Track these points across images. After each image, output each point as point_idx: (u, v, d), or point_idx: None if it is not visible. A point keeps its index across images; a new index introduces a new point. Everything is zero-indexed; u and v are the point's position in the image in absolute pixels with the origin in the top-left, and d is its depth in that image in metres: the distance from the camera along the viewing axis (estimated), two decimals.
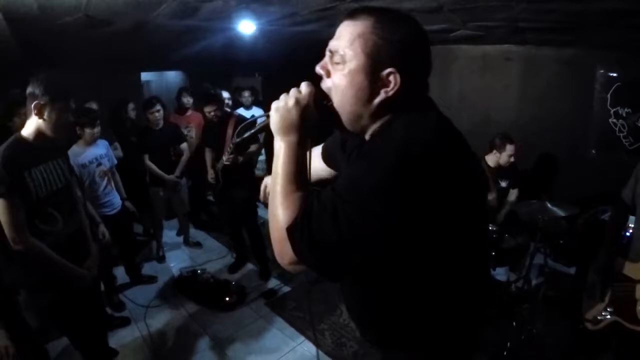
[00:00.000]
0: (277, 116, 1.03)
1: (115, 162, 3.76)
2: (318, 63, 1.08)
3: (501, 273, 3.64)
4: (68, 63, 4.86)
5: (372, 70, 0.98)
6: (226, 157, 3.81)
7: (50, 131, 2.01)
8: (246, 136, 1.28)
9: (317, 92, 1.05)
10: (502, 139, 3.55)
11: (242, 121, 4.10)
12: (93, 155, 3.47)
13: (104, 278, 3.48)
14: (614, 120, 3.92)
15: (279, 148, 1.04)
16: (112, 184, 3.64)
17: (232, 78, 7.07)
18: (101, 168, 3.51)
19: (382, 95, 1.00)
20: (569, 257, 3.95)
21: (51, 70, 2.01)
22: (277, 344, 3.20)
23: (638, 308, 2.14)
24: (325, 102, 1.05)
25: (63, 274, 2.07)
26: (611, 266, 2.33)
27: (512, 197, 3.70)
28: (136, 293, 3.94)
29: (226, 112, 4.12)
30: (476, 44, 4.60)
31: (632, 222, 2.39)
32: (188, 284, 3.91)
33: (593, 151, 4.09)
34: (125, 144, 4.63)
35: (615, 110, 3.90)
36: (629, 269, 2.25)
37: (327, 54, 1.05)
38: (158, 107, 4.24)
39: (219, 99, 4.11)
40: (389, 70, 0.97)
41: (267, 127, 1.08)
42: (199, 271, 4.06)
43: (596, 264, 2.42)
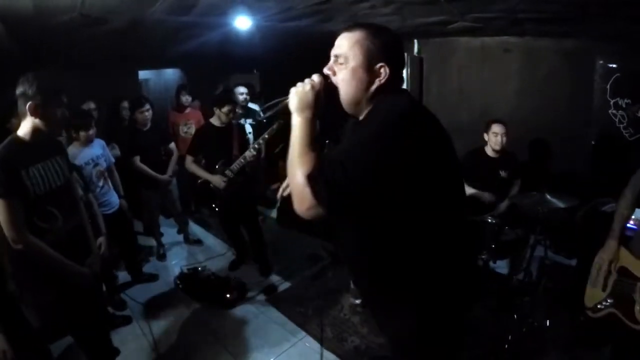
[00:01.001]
0: (297, 98, 1.33)
1: (112, 161, 3.74)
2: (316, 59, 1.49)
3: (501, 266, 3.64)
4: (65, 62, 4.85)
5: (368, 65, 1.36)
6: (250, 154, 3.84)
7: (47, 128, 2.03)
8: (271, 114, 1.51)
9: (326, 82, 1.38)
10: (488, 121, 3.54)
11: (242, 128, 4.20)
12: (89, 156, 3.46)
13: (105, 277, 3.48)
14: (614, 111, 3.90)
15: (297, 122, 1.32)
16: (110, 184, 3.63)
17: (229, 75, 7.04)
18: (98, 168, 3.49)
19: (377, 83, 1.37)
20: (570, 249, 3.95)
21: (39, 69, 2.00)
22: (279, 340, 3.20)
23: (637, 308, 2.14)
24: (331, 87, 1.39)
25: (63, 272, 2.07)
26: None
27: (515, 189, 3.67)
28: (137, 291, 3.94)
29: (236, 116, 4.18)
30: (475, 36, 4.58)
31: (639, 217, 2.39)
32: (189, 282, 3.90)
33: (593, 142, 4.07)
34: (121, 144, 4.60)
35: (614, 101, 3.88)
36: (634, 266, 2.24)
37: (332, 58, 1.41)
38: (147, 107, 4.16)
39: (235, 100, 4.17)
40: (380, 64, 1.36)
41: (286, 107, 1.37)
42: (200, 268, 4.05)
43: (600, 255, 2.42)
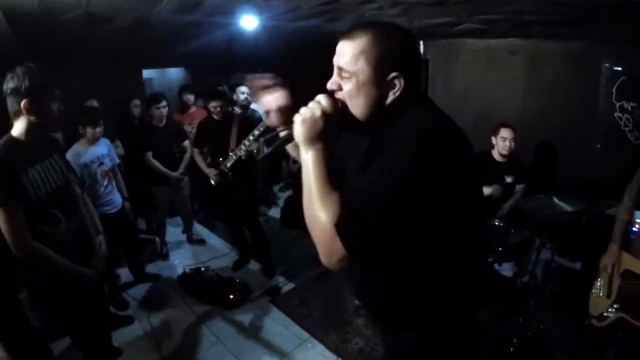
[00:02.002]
0: (304, 127, 1.12)
1: (117, 162, 3.74)
2: (323, 59, 1.26)
3: (507, 269, 3.62)
4: (69, 60, 4.84)
5: (379, 79, 1.14)
6: (243, 151, 3.68)
7: (44, 125, 1.94)
8: (271, 150, 1.31)
9: (335, 102, 1.16)
10: (496, 125, 3.52)
11: (246, 119, 4.10)
12: (95, 154, 3.45)
13: (108, 277, 3.47)
14: (619, 114, 3.88)
15: (308, 157, 1.12)
16: (114, 183, 3.62)
17: (232, 75, 7.04)
18: (103, 168, 3.49)
19: (391, 97, 1.16)
20: (574, 252, 3.93)
21: (27, 63, 1.90)
22: (282, 342, 3.18)
23: None
24: (341, 106, 1.17)
25: (69, 276, 2.02)
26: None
27: (518, 194, 3.66)
28: (140, 291, 3.93)
29: (228, 111, 4.07)
30: (481, 38, 4.56)
31: (639, 218, 2.38)
32: (192, 282, 3.89)
33: (598, 145, 4.06)
34: (128, 142, 4.61)
35: (620, 104, 3.87)
36: (637, 267, 2.23)
37: (336, 70, 1.19)
38: (164, 103, 4.25)
39: (225, 95, 4.11)
40: (393, 75, 1.13)
41: (290, 138, 1.18)
42: (203, 269, 4.03)
43: (603, 261, 2.40)
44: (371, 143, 1.30)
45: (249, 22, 3.54)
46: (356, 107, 1.17)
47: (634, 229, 2.62)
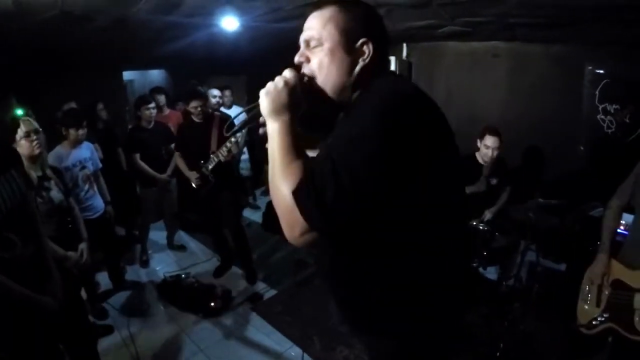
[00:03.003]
0: (269, 99, 1.10)
1: (99, 166, 3.67)
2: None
3: (492, 272, 3.60)
4: (47, 62, 4.74)
5: (348, 43, 1.13)
6: (224, 153, 3.64)
7: None
8: (240, 127, 1.31)
9: (301, 74, 1.16)
10: (484, 129, 3.48)
11: (226, 120, 4.00)
12: (77, 158, 3.37)
13: (87, 285, 3.37)
14: (602, 116, 3.91)
15: (273, 129, 1.11)
16: (95, 188, 3.53)
17: (215, 77, 6.96)
18: (85, 172, 3.41)
19: (360, 63, 1.14)
20: (559, 254, 3.93)
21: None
22: (264, 350, 3.12)
23: (637, 319, 2.08)
24: (307, 80, 1.16)
25: (27, 306, 1.80)
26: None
27: (504, 197, 3.63)
28: (119, 299, 3.82)
29: (208, 112, 4.00)
30: (464, 41, 4.56)
31: (629, 222, 2.34)
32: (172, 289, 3.80)
33: (581, 147, 4.08)
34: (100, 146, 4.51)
35: (603, 106, 3.90)
36: (627, 277, 2.19)
37: (303, 45, 1.19)
38: (153, 104, 4.24)
39: (204, 96, 4.09)
40: (362, 40, 1.13)
41: (258, 114, 1.16)
42: (183, 275, 3.95)
43: (592, 270, 2.36)
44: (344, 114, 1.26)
45: (230, 24, 3.47)
46: (326, 77, 1.15)
47: (621, 231, 2.60)
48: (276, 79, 1.13)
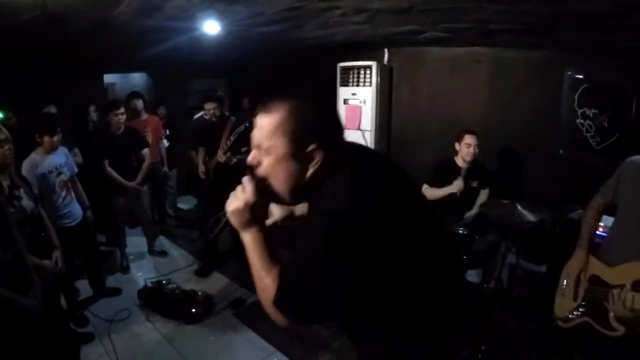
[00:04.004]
0: (234, 218, 1.20)
1: (75, 171, 3.60)
2: (286, 66, 1.33)
3: (473, 275, 3.62)
4: (27, 64, 4.67)
5: (296, 152, 1.13)
6: (223, 155, 4.00)
7: None
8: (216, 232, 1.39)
9: (258, 181, 1.19)
10: (460, 131, 3.53)
11: (238, 124, 4.30)
12: (53, 164, 3.30)
13: (66, 292, 3.31)
14: (581, 120, 3.96)
15: (247, 241, 1.21)
16: (73, 194, 3.47)
17: (192, 80, 6.94)
18: (61, 177, 3.35)
19: (311, 170, 1.16)
20: (539, 256, 3.97)
21: None
22: (247, 356, 3.10)
23: (611, 315, 2.11)
24: (266, 186, 1.19)
25: (11, 309, 1.83)
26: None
27: (482, 198, 3.67)
28: (100, 306, 3.75)
29: (224, 114, 4.34)
30: (445, 46, 4.60)
31: (608, 223, 2.38)
32: (153, 296, 3.74)
33: (561, 151, 4.13)
34: (86, 150, 4.43)
35: (582, 111, 3.95)
36: (605, 273, 2.22)
37: (255, 148, 1.19)
38: (122, 110, 4.14)
39: (220, 99, 4.39)
40: (312, 147, 1.13)
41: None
42: (164, 282, 3.90)
43: (570, 264, 2.39)
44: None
45: (212, 28, 3.45)
46: (277, 183, 1.18)
47: (599, 233, 2.65)
48: (238, 194, 1.19)
